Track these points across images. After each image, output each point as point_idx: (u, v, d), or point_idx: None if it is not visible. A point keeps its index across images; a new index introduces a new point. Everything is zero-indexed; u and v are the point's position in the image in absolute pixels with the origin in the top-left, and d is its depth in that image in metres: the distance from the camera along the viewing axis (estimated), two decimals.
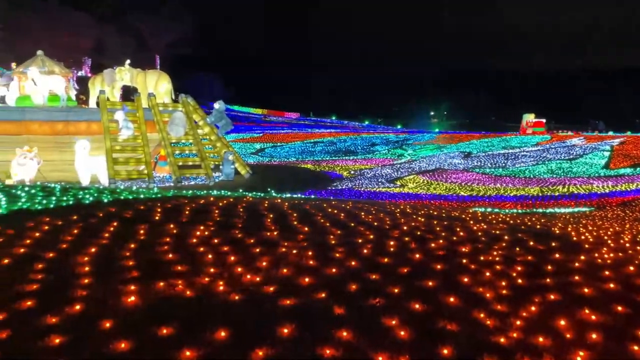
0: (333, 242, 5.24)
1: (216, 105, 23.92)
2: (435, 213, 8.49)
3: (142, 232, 5.34)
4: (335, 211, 7.40)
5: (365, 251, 4.89)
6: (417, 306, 3.64)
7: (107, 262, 4.30)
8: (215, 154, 23.69)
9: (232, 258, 4.50)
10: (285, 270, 4.21)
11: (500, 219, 8.90)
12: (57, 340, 2.95)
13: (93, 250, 4.61)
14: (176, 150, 21.63)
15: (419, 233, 5.88)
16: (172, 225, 5.66)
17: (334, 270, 4.29)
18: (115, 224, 5.69)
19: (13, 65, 27.00)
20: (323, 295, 3.74)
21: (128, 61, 23.77)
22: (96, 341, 2.97)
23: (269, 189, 13.28)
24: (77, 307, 3.38)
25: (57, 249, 4.64)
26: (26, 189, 8.78)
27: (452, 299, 3.80)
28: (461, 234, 6.09)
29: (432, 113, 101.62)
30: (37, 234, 5.10)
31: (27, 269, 4.08)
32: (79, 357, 2.81)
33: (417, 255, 4.82)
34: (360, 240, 5.32)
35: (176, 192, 10.22)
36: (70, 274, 4.01)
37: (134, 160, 20.27)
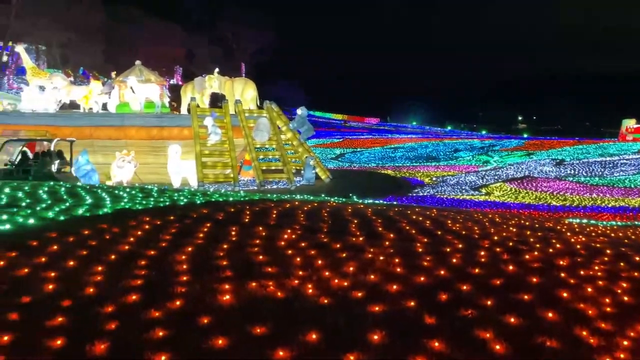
0: (420, 250, 5.16)
1: (299, 112, 24.43)
2: (527, 223, 8.10)
3: (233, 233, 5.57)
4: (420, 218, 7.29)
5: (454, 260, 4.77)
6: (512, 320, 3.49)
7: (203, 261, 4.52)
8: (297, 159, 24.19)
9: (320, 262, 4.57)
10: (372, 277, 4.20)
11: (599, 232, 8.33)
12: (161, 334, 3.14)
13: (189, 249, 4.87)
14: (260, 155, 22.33)
15: (511, 244, 5.64)
16: (260, 228, 5.84)
17: (422, 278, 4.23)
18: (208, 224, 5.97)
19: (113, 74, 29.22)
20: (412, 303, 3.69)
21: (217, 69, 24.95)
22: (195, 336, 3.14)
23: (350, 195, 13.34)
24: (177, 303, 3.58)
25: (157, 247, 4.95)
26: (127, 189, 9.45)
27: (550, 314, 3.61)
28: (557, 246, 5.76)
29: (519, 118, 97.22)
30: (139, 233, 5.48)
31: (132, 265, 4.39)
32: (180, 351, 2.97)
33: (511, 267, 4.63)
34: (448, 249, 5.20)
35: (262, 196, 10.55)
36: (169, 271, 4.26)
37: (221, 164, 21.18)
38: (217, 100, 26.88)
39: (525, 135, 64.98)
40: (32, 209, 6.63)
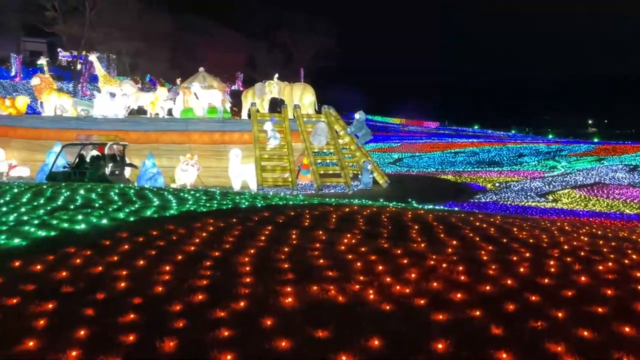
0: (485, 257, 5.01)
1: (357, 116, 24.40)
2: (600, 232, 7.69)
3: (294, 236, 5.63)
4: (484, 225, 7.08)
5: (522, 270, 4.60)
6: (585, 333, 3.32)
7: (265, 263, 4.60)
8: (354, 163, 24.14)
9: (381, 267, 4.54)
10: (435, 284, 4.13)
11: None
12: (226, 333, 3.22)
13: (252, 251, 4.97)
14: (318, 159, 22.47)
15: (582, 253, 5.37)
16: (320, 232, 5.88)
17: (488, 287, 4.11)
18: (269, 227, 6.08)
19: (178, 81, 30.40)
20: (478, 313, 3.59)
21: (276, 75, 25.35)
22: (259, 337, 3.19)
23: (409, 200, 13.16)
24: (241, 303, 3.67)
25: (220, 248, 5.10)
26: (191, 192, 9.79)
27: (627, 329, 3.40)
28: (634, 257, 5.43)
29: (590, 122, 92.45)
30: (204, 234, 5.65)
31: (197, 265, 4.53)
32: (244, 351, 3.04)
33: (583, 278, 4.40)
34: (515, 258, 5.02)
35: (321, 200, 10.62)
36: (233, 272, 4.37)
37: (279, 168, 21.48)
38: (276, 105, 27.33)
39: (595, 140, 61.75)
40: (105, 210, 7.00)
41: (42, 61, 28.48)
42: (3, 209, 7.10)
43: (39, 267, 4.45)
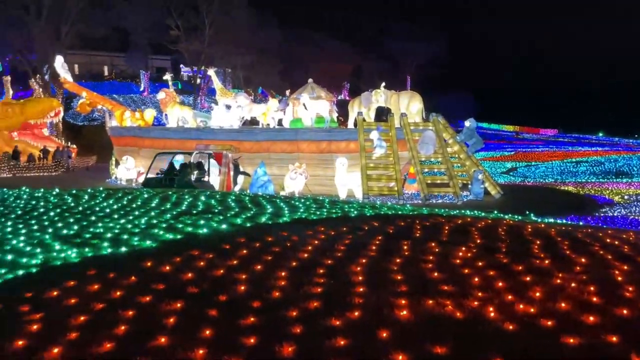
0: (620, 278, 4.56)
1: (467, 123, 23.58)
2: None
3: (405, 247, 5.55)
4: (616, 242, 6.46)
5: None
6: None
7: (377, 274, 4.57)
8: (464, 173, 23.32)
9: (501, 284, 4.31)
10: (564, 305, 3.83)
11: None
12: (342, 342, 3.24)
13: (363, 261, 4.97)
14: (425, 168, 21.98)
15: None
16: (433, 244, 5.73)
17: (625, 311, 3.72)
18: (379, 237, 6.04)
19: (287, 92, 31.51)
20: (614, 339, 3.27)
21: (383, 84, 25.25)
22: (375, 349, 3.17)
23: (526, 212, 12.40)
24: (356, 313, 3.67)
25: (333, 256, 5.16)
26: (302, 200, 10.05)
27: None
28: None
29: None
30: (316, 242, 5.76)
31: (311, 272, 4.62)
32: None
33: None
34: None
35: (430, 210, 10.37)
36: (346, 281, 4.40)
37: (385, 177, 21.35)
38: (382, 114, 27.25)
39: None
40: (224, 216, 7.41)
41: (167, 77, 31.28)
42: (135, 213, 7.79)
43: (167, 268, 4.81)
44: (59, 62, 32.17)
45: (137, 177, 25.14)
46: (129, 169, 25.48)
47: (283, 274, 4.58)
